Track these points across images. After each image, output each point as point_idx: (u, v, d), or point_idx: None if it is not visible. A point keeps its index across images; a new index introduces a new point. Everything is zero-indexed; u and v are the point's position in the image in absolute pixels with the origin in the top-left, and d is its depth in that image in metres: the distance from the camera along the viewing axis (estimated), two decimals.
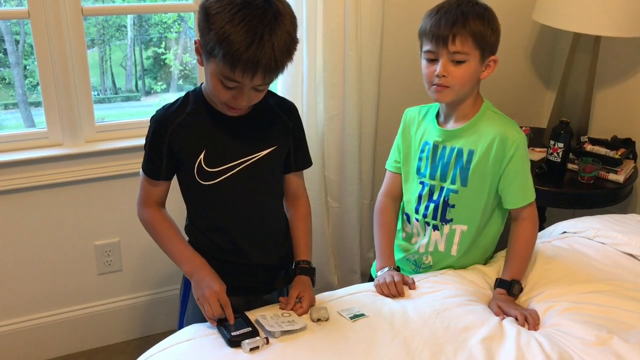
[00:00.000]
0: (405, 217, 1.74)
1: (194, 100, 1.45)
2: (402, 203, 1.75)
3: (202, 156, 1.42)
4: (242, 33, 1.22)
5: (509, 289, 1.59)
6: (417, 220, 1.69)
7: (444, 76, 1.51)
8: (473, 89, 1.59)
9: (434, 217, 1.66)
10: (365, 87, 2.30)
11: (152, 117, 1.47)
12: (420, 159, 1.67)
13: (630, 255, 1.76)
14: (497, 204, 1.66)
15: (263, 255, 1.55)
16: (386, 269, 1.64)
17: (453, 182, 1.62)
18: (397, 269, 1.65)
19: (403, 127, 1.75)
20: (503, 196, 1.63)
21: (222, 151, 1.44)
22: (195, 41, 1.35)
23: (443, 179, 1.63)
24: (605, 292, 1.59)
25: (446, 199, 1.63)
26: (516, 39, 2.57)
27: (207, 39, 1.26)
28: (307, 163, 1.61)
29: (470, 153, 1.59)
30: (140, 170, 1.50)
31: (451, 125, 1.63)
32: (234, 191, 1.46)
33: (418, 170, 1.68)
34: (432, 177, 1.65)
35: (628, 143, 2.42)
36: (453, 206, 1.63)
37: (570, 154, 2.33)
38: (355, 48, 2.19)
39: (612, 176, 2.27)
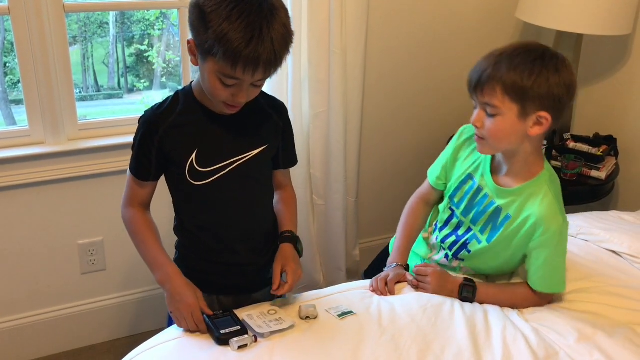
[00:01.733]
0: (436, 223, 1.70)
1: (184, 99, 1.42)
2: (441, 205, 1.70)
3: (194, 156, 1.40)
4: (241, 29, 1.20)
5: (464, 290, 1.55)
6: (436, 238, 1.67)
7: (477, 127, 1.43)
8: (520, 146, 1.44)
9: (450, 248, 1.63)
10: (351, 84, 2.30)
11: (141, 118, 1.44)
12: (458, 189, 1.60)
13: (613, 252, 1.79)
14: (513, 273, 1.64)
15: (252, 254, 1.54)
16: (393, 265, 1.63)
17: (482, 232, 1.55)
18: (406, 268, 1.64)
19: (456, 144, 1.62)
20: (527, 272, 1.54)
21: (214, 151, 1.42)
22: (188, 41, 1.32)
23: (474, 222, 1.57)
24: (589, 289, 1.61)
25: (467, 242, 1.59)
26: (500, 37, 2.59)
27: (204, 38, 1.23)
28: (293, 162, 1.62)
29: (507, 218, 1.49)
30: (128, 170, 1.48)
31: (502, 176, 1.52)
32: (225, 191, 1.45)
33: (452, 197, 1.61)
34: (464, 215, 1.59)
35: (610, 140, 2.45)
36: (469, 252, 1.58)
37: (554, 151, 2.35)
38: (340, 45, 2.19)
39: (594, 173, 2.30)
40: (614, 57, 2.52)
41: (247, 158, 1.44)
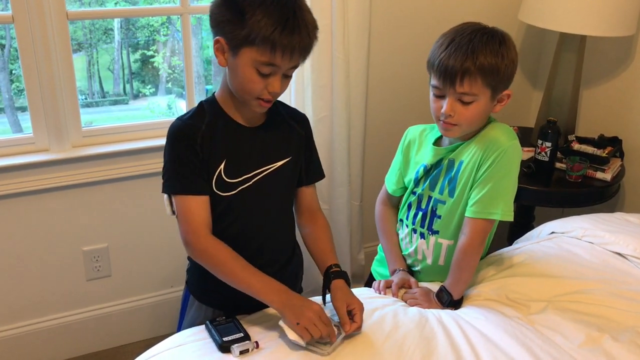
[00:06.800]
0: (399, 221, 1.74)
1: (210, 109, 1.41)
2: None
3: (222, 166, 1.39)
4: (276, 13, 1.23)
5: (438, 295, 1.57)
6: (407, 226, 1.69)
7: (450, 115, 1.46)
8: (483, 122, 1.53)
9: (422, 225, 1.64)
10: (353, 88, 2.30)
11: (171, 132, 1.38)
12: (416, 179, 1.64)
13: (618, 254, 1.77)
14: None
15: (268, 268, 1.47)
16: (396, 271, 1.66)
17: (441, 193, 1.58)
18: (409, 270, 1.68)
19: (403, 146, 1.69)
20: (467, 206, 1.52)
21: (241, 161, 1.41)
22: (217, 40, 1.30)
23: (432, 188, 1.60)
24: (594, 291, 1.60)
25: (434, 209, 1.60)
26: None
27: (239, 28, 1.24)
28: (320, 175, 1.59)
29: (460, 164, 1.54)
30: (168, 198, 1.41)
31: (447, 143, 1.58)
32: (248, 202, 1.43)
33: (414, 185, 1.66)
34: (423, 189, 1.63)
35: (615, 141, 2.44)
36: (440, 217, 1.60)
37: (558, 153, 2.34)
38: (342, 50, 2.19)
39: (599, 174, 2.28)
40: (617, 58, 2.51)
41: (271, 170, 1.44)
